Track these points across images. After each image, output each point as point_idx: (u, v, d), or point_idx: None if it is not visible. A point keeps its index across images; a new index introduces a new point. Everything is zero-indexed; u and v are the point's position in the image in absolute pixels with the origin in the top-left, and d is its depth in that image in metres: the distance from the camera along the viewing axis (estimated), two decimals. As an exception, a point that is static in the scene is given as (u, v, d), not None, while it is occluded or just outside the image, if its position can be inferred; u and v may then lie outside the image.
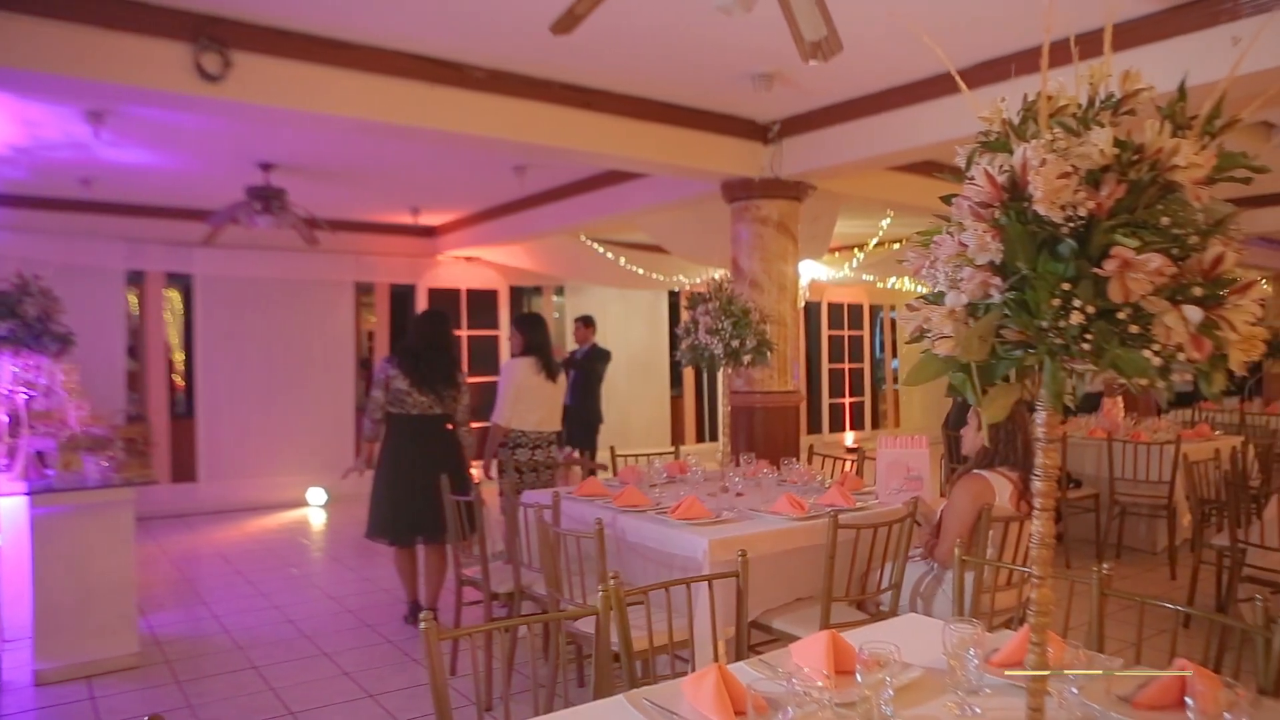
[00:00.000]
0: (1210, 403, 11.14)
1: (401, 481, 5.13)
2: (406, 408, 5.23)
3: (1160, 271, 1.16)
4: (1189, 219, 1.20)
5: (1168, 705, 1.87)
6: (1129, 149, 1.22)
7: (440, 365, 5.30)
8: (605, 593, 2.42)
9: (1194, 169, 1.19)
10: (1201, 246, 1.19)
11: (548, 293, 12.29)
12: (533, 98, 5.46)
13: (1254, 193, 9.39)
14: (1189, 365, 1.24)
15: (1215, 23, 4.23)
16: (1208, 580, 5.40)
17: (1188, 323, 1.16)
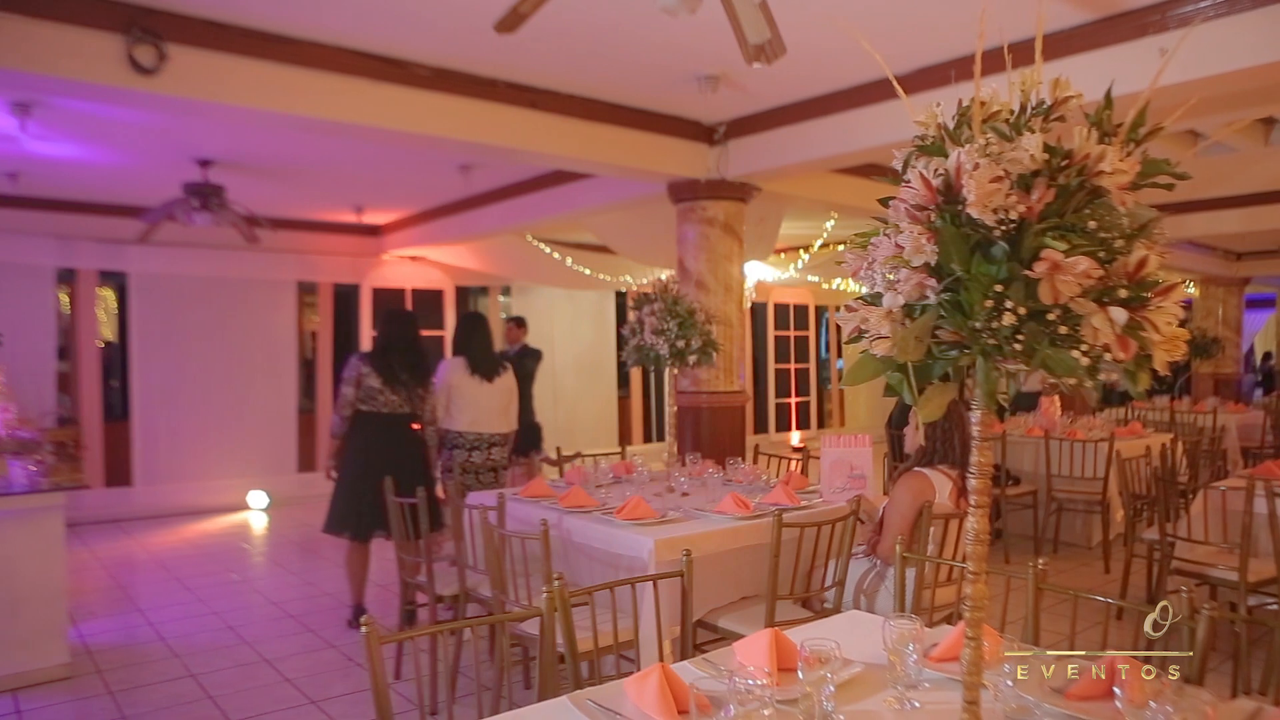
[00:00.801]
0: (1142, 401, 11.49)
1: (369, 477, 5.07)
2: (378, 405, 5.24)
3: (1088, 274, 1.19)
4: (1115, 223, 1.24)
5: (1098, 695, 1.92)
6: (1058, 154, 1.26)
7: (412, 364, 5.35)
8: (550, 594, 2.41)
9: (1119, 175, 1.23)
10: (1126, 250, 1.23)
11: (494, 293, 12.21)
12: (478, 96, 5.42)
13: (1182, 199, 9.70)
14: (1116, 365, 1.27)
15: (1144, 34, 4.37)
16: (1140, 573, 5.56)
17: (1114, 324, 1.19)
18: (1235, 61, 4.19)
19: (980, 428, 1.44)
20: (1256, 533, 4.33)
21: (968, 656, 1.57)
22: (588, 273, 10.73)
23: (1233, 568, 4.38)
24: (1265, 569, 4.32)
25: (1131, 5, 4.40)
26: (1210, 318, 15.38)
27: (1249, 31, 4.14)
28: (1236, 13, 4.15)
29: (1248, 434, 9.99)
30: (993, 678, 1.86)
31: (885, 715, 1.95)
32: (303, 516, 8.88)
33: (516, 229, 9.45)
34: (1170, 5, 4.30)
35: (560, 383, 11.97)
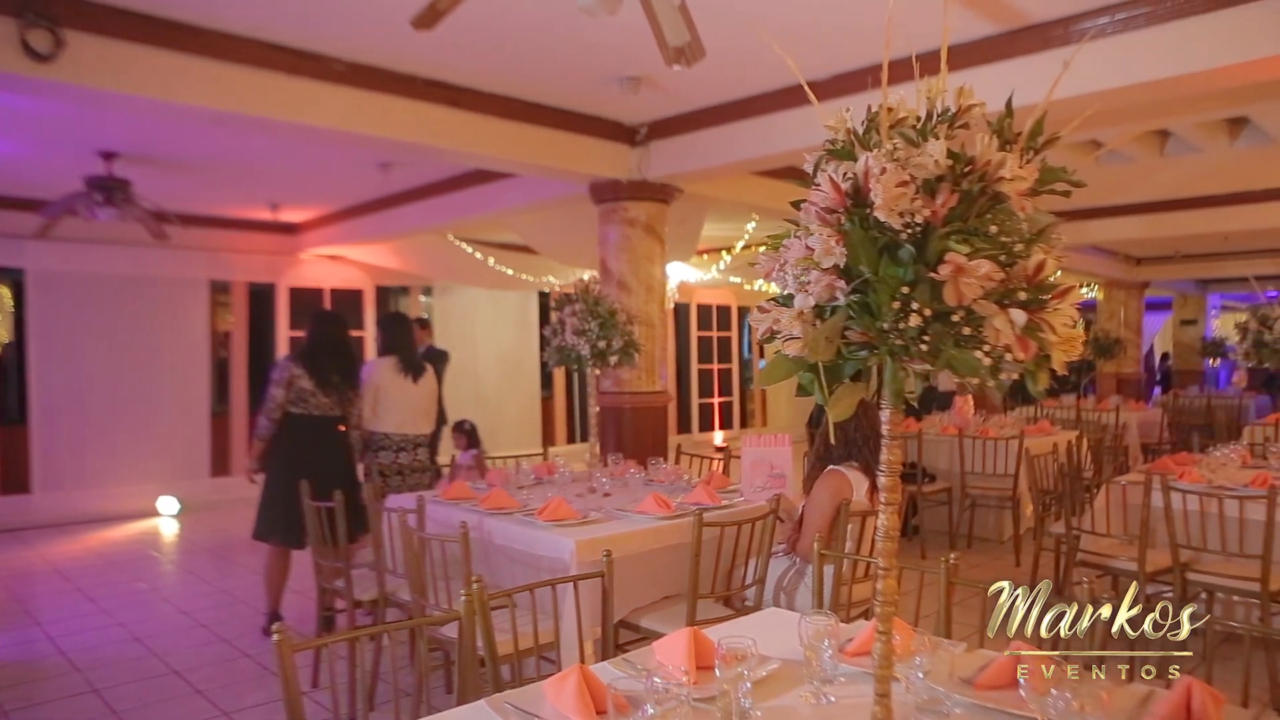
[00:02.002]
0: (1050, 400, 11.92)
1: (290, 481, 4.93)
2: (309, 408, 5.14)
3: (989, 276, 1.23)
4: (1015, 228, 1.28)
5: (1004, 684, 1.99)
6: (961, 161, 1.29)
7: (343, 366, 5.27)
8: (469, 597, 2.38)
9: (1018, 181, 1.27)
10: (1026, 254, 1.27)
11: (415, 293, 12.03)
12: (397, 93, 5.33)
13: (1086, 206, 10.10)
14: (1017, 365, 1.31)
15: (1048, 47, 4.54)
16: (1048, 565, 5.76)
17: (1014, 325, 1.23)
18: (1131, 76, 4.39)
19: (889, 426, 1.48)
20: (1154, 525, 4.52)
21: (878, 650, 1.60)
22: (510, 273, 10.65)
23: (1132, 559, 4.56)
24: (1162, 559, 4.51)
25: (1036, 19, 4.56)
26: (1113, 319, 16.03)
27: (1144, 48, 4.34)
28: (1133, 29, 4.34)
29: (1147, 431, 10.43)
30: (905, 670, 1.90)
31: (801, 710, 1.98)
32: (217, 522, 8.61)
33: (438, 228, 9.33)
34: (1072, 21, 4.48)
35: (483, 384, 11.86)
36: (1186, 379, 17.96)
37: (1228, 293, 19.10)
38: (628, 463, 4.94)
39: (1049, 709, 1.71)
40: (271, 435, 5.15)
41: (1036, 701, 1.75)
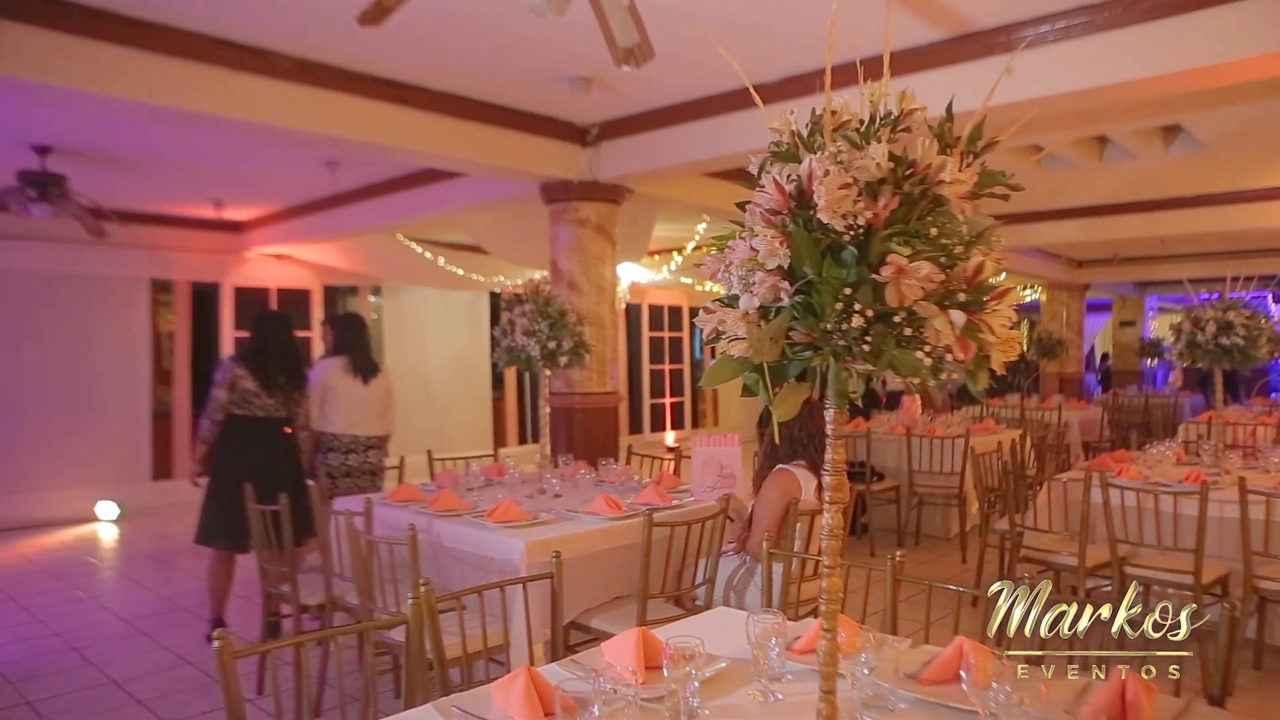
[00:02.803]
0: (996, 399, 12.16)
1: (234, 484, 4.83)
2: (253, 409, 5.05)
3: (930, 278, 1.25)
4: (955, 230, 1.30)
5: (948, 679, 2.02)
6: (903, 164, 1.31)
7: (289, 367, 5.18)
8: (416, 600, 2.36)
9: (958, 184, 1.30)
10: (965, 256, 1.30)
11: (364, 292, 11.88)
12: (344, 90, 5.26)
13: (1029, 209, 10.32)
14: (958, 365, 1.34)
15: (991, 53, 4.63)
16: (993, 562, 5.86)
17: (954, 326, 1.26)
18: (1071, 83, 4.50)
19: (833, 426, 1.49)
20: (1094, 521, 4.63)
21: (823, 647, 1.62)
22: (461, 273, 10.57)
23: (1073, 554, 4.67)
24: (1102, 554, 4.62)
25: (981, 26, 4.65)
26: (1056, 320, 16.40)
27: (1083, 56, 4.45)
28: (1072, 38, 4.45)
29: (1088, 429, 10.70)
30: (850, 667, 1.92)
31: (749, 708, 2.00)
32: (158, 527, 8.41)
33: (387, 227, 9.23)
34: (1015, 28, 4.57)
35: (433, 384, 11.75)
36: (1126, 379, 18.44)
37: (1164, 295, 19.63)
38: (578, 464, 4.93)
39: (990, 702, 1.74)
40: (215, 437, 5.05)
41: (978, 695, 1.78)
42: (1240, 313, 5.48)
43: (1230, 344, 5.39)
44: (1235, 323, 5.41)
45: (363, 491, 5.33)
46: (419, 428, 10.28)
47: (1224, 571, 4.41)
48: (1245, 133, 7.03)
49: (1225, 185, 9.11)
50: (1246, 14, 4.01)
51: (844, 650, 1.89)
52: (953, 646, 2.09)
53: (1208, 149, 7.39)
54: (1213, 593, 4.35)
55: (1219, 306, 5.53)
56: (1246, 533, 4.20)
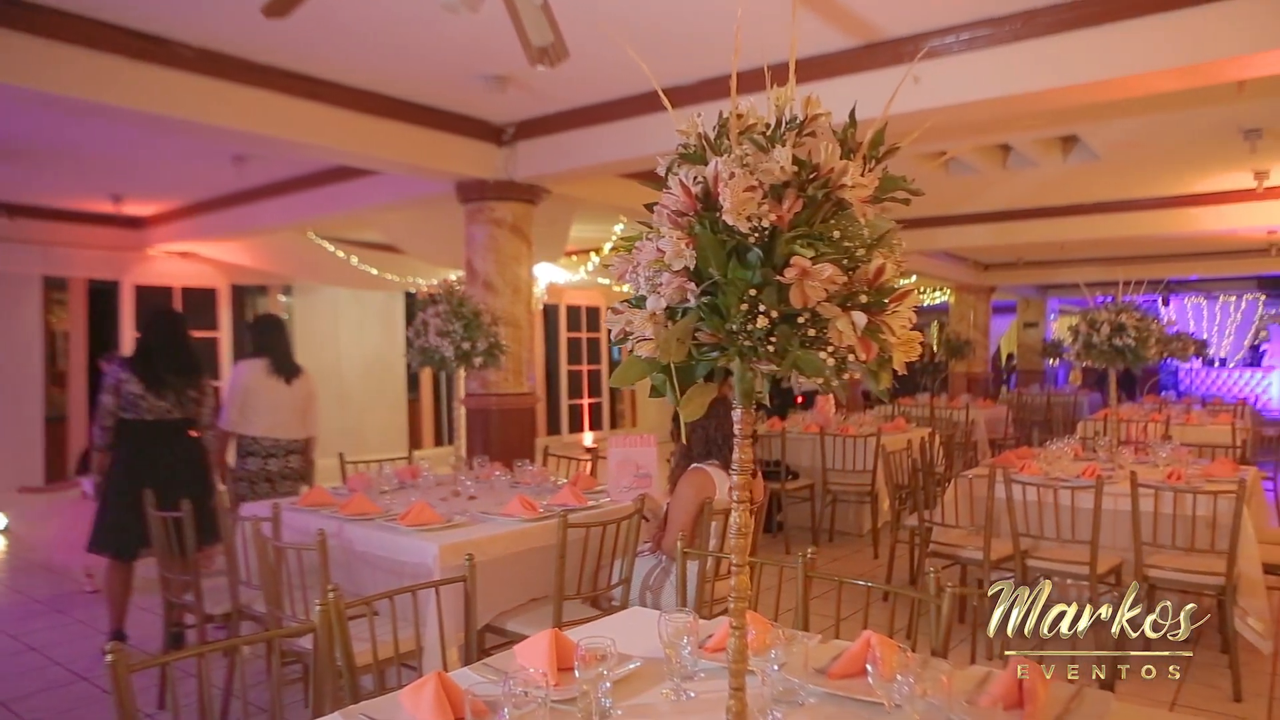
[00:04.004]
0: (907, 398, 12.48)
1: (135, 491, 4.64)
2: (141, 413, 4.84)
3: (832, 280, 1.28)
4: (857, 233, 1.33)
5: (855, 673, 2.07)
6: (806, 167, 1.34)
7: (178, 365, 4.97)
8: (324, 607, 2.31)
9: (860, 188, 1.33)
10: (867, 258, 1.33)
11: (274, 292, 11.56)
12: (250, 83, 5.11)
13: (937, 214, 10.62)
14: (861, 365, 1.37)
15: (900, 61, 4.75)
16: (904, 557, 6.02)
17: (856, 327, 1.28)
18: (974, 92, 4.66)
19: (741, 426, 1.51)
20: (998, 515, 4.79)
21: (732, 645, 1.63)
22: (375, 272, 10.38)
23: (979, 548, 4.82)
24: (1006, 548, 4.78)
25: (889, 36, 4.77)
26: (964, 322, 16.92)
27: (986, 68, 4.61)
28: (975, 49, 4.61)
29: (994, 427, 11.07)
30: (761, 663, 1.95)
31: (661, 707, 2.01)
32: (52, 536, 8.01)
33: (297, 225, 9.00)
34: (922, 38, 4.70)
35: (347, 386, 11.51)
36: (1029, 378, 19.14)
37: (1065, 297, 20.43)
38: (493, 465, 4.89)
39: (894, 694, 1.79)
40: (109, 444, 4.87)
41: (883, 687, 1.83)
42: (1132, 315, 5.74)
43: (1123, 345, 5.65)
44: (1127, 324, 5.66)
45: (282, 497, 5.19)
46: (332, 430, 10.02)
47: (1117, 561, 4.61)
48: (1136, 144, 7.37)
49: (1118, 194, 9.55)
50: (1134, 32, 4.22)
51: (754, 647, 1.91)
52: (860, 641, 2.14)
53: (1102, 159, 7.73)
54: (1107, 582, 4.53)
55: (1113, 309, 5.79)
56: (1137, 524, 4.39)
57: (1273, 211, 9.17)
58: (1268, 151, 7.16)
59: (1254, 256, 13.50)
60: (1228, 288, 18.82)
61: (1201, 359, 18.39)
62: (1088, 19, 4.29)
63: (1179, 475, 4.74)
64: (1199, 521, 4.30)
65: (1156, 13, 4.14)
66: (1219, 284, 18.52)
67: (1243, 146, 6.90)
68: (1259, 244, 12.09)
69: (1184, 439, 7.41)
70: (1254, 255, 13.39)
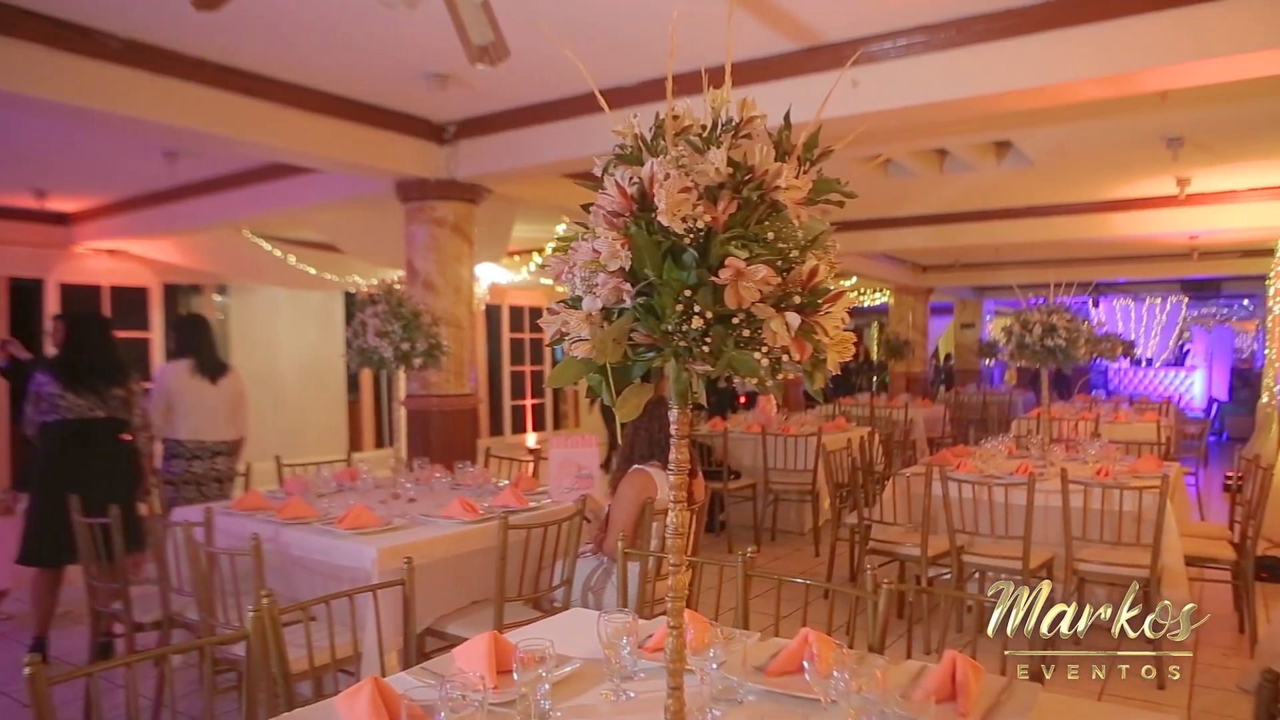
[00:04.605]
0: (848, 398, 12.66)
1: (53, 497, 4.49)
2: (61, 413, 4.70)
3: (766, 281, 1.29)
4: (791, 235, 1.35)
5: (793, 670, 2.09)
6: (741, 169, 1.35)
7: (96, 361, 4.83)
8: (257, 613, 2.26)
9: (794, 190, 1.34)
10: (801, 260, 1.34)
11: (208, 291, 11.28)
12: (182, 77, 4.98)
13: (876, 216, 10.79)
14: (796, 365, 1.38)
15: (840, 66, 4.82)
16: (844, 555, 6.09)
17: (789, 327, 1.30)
18: (911, 98, 4.75)
19: (677, 426, 1.52)
20: (935, 513, 4.88)
21: (670, 644, 1.64)
22: (313, 272, 10.20)
23: (917, 545, 4.91)
24: (943, 544, 4.88)
25: (831, 39, 4.83)
26: (903, 323, 17.21)
27: (923, 73, 4.70)
28: (913, 55, 4.69)
29: (932, 425, 11.27)
30: (700, 662, 1.96)
31: (601, 708, 2.00)
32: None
33: (233, 223, 8.80)
34: (862, 43, 4.77)
35: (284, 387, 11.29)
36: (966, 377, 19.55)
37: (1000, 299, 20.90)
38: (434, 467, 4.84)
39: (830, 690, 1.82)
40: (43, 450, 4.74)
41: (819, 683, 1.85)
42: (1063, 316, 5.90)
43: (1054, 345, 5.80)
44: (1058, 325, 5.82)
45: (209, 500, 5.07)
46: (269, 433, 9.85)
47: (1049, 556, 4.73)
48: (1066, 151, 7.58)
49: (1050, 198, 9.80)
50: (1063, 42, 4.35)
51: (693, 646, 1.92)
52: (798, 638, 2.16)
53: (1034, 164, 7.93)
54: (1039, 576, 4.65)
55: (1044, 310, 5.94)
56: (1067, 520, 4.52)
57: (1194, 217, 9.51)
58: (1189, 159, 7.42)
59: (1177, 260, 13.98)
60: (1153, 290, 19.44)
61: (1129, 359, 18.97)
62: (1019, 28, 4.40)
63: (1107, 472, 4.89)
64: (1125, 516, 4.44)
65: (1084, 23, 4.26)
66: (1145, 286, 19.12)
67: (1165, 154, 7.14)
68: (1182, 248, 12.51)
69: (1112, 436, 7.64)
70: (1177, 259, 13.87)
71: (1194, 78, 4.43)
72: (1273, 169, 8.06)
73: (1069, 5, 4.26)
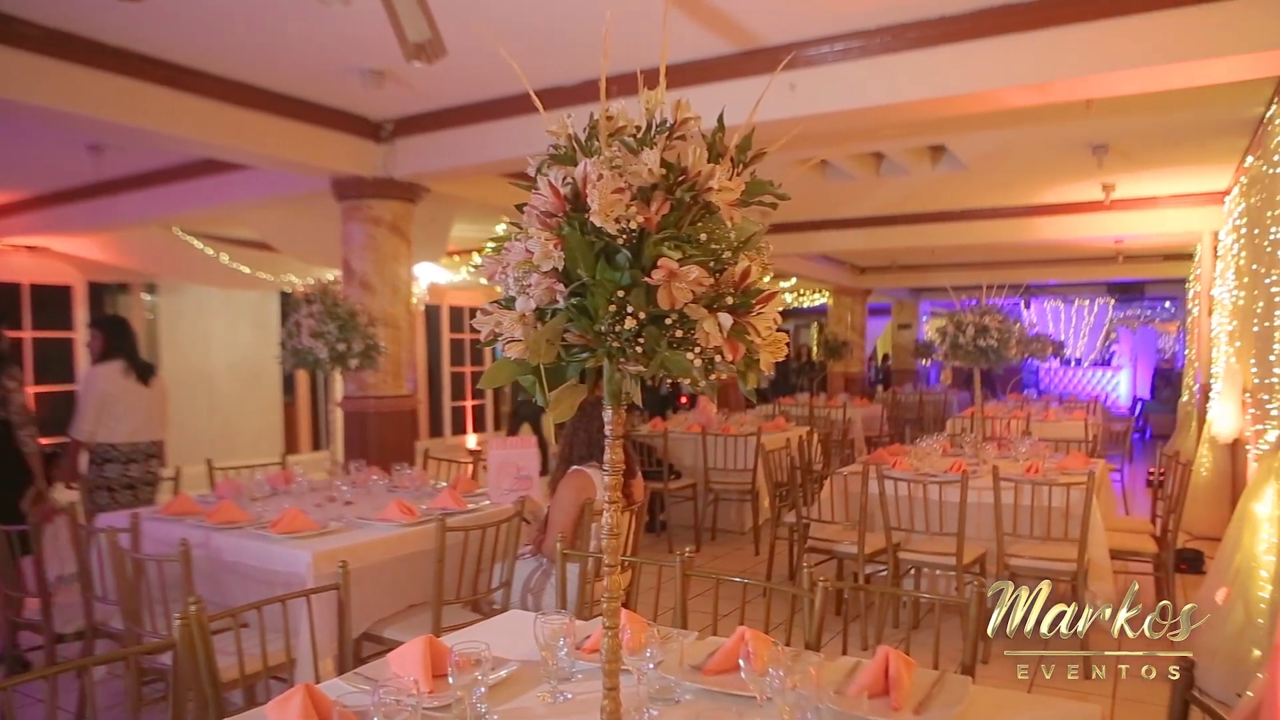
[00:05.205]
0: (788, 398, 12.79)
1: None
2: None
3: (699, 281, 1.30)
4: (724, 236, 1.36)
5: (730, 668, 2.10)
6: (675, 170, 1.36)
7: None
8: (185, 620, 2.20)
9: (726, 192, 1.35)
10: (734, 261, 1.36)
11: (136, 290, 10.96)
12: (105, 68, 4.82)
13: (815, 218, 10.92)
14: (729, 366, 1.39)
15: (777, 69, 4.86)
16: (783, 553, 6.15)
17: (722, 328, 1.31)
18: (847, 102, 4.82)
19: (612, 427, 1.52)
20: (872, 510, 4.96)
21: (606, 645, 1.64)
22: (247, 271, 9.97)
23: (854, 542, 4.98)
24: (879, 541, 4.95)
25: (768, 43, 4.88)
26: (841, 324, 17.46)
27: (859, 77, 4.77)
28: (849, 60, 4.77)
29: (870, 425, 11.45)
30: (637, 662, 1.96)
31: (538, 710, 1.99)
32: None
33: (162, 220, 8.55)
34: (799, 46, 4.83)
35: (217, 389, 11.03)
36: (903, 377, 19.91)
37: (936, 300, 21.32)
38: (371, 469, 4.77)
39: (766, 687, 1.83)
40: None
41: (755, 681, 1.87)
42: (995, 317, 6.05)
43: (986, 345, 5.94)
44: (991, 326, 5.96)
45: (146, 504, 4.94)
46: (201, 436, 9.62)
47: (982, 551, 4.83)
48: (998, 156, 7.76)
49: (983, 202, 10.04)
50: (993, 50, 4.46)
51: (630, 646, 1.92)
52: (735, 636, 2.18)
53: (968, 169, 8.11)
54: (972, 571, 4.76)
55: (977, 312, 6.08)
56: (999, 516, 4.63)
57: (1119, 222, 9.82)
58: (1113, 166, 7.65)
59: (1104, 263, 14.43)
60: (1082, 292, 20.02)
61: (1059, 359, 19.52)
62: (951, 36, 4.50)
63: (1036, 469, 5.02)
64: (1054, 512, 4.56)
65: (1013, 32, 4.38)
66: (1074, 289, 19.68)
67: (1091, 161, 7.36)
68: (1108, 252, 12.91)
69: (1043, 434, 7.85)
70: (1104, 262, 14.32)
71: (1115, 87, 4.58)
72: (1192, 176, 8.37)
73: (998, 14, 4.37)
